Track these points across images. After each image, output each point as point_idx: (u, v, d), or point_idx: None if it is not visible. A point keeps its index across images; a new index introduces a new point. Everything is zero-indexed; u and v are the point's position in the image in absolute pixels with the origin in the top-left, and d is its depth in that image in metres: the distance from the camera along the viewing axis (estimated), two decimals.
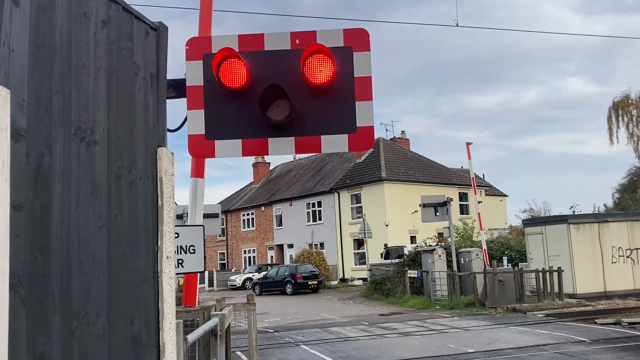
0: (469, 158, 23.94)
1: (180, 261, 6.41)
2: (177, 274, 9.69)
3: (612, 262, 21.32)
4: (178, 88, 3.66)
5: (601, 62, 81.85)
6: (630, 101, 44.64)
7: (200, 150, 3.66)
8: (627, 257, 21.60)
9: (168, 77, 3.55)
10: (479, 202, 22.60)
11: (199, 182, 6.35)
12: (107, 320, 2.21)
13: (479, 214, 22.80)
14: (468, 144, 24.02)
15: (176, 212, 13.61)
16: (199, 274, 6.38)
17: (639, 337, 12.81)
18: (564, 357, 10.75)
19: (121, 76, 2.41)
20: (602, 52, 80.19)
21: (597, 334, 13.24)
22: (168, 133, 3.30)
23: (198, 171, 6.32)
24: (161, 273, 2.45)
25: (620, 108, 44.59)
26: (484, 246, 22.48)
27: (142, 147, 2.48)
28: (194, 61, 3.69)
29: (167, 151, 2.64)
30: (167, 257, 2.51)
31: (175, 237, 7.22)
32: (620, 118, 44.56)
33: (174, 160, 2.72)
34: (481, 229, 23.34)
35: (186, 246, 6.30)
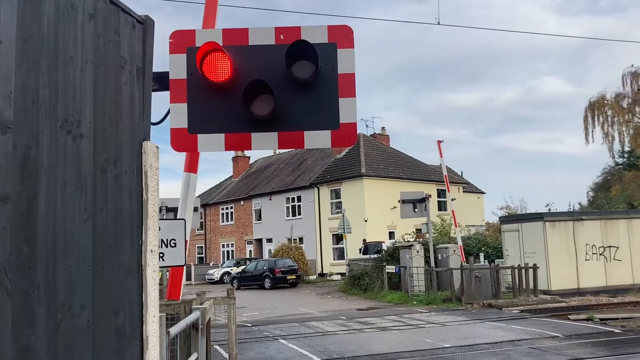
0: (441, 156, 24.25)
1: (160, 255, 6.37)
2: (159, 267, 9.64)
3: (586, 260, 21.73)
4: (161, 81, 3.65)
5: (576, 62, 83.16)
6: (605, 102, 45.38)
7: (183, 143, 3.66)
8: (600, 254, 22.03)
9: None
10: (452, 200, 22.80)
11: (192, 177, 6.31)
12: (92, 313, 2.21)
13: (452, 211, 22.99)
14: (439, 142, 24.41)
15: None
16: (184, 267, 6.35)
17: (609, 333, 13.10)
18: (537, 352, 10.95)
19: (108, 69, 2.41)
20: (577, 53, 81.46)
21: (570, 330, 13.50)
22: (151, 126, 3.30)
23: (191, 166, 6.28)
24: (145, 266, 2.46)
25: (596, 108, 45.30)
26: (459, 243, 22.74)
27: (127, 140, 2.48)
28: (178, 54, 3.69)
29: (152, 145, 2.64)
30: (152, 251, 2.52)
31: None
32: (596, 118, 45.27)
33: (159, 154, 2.72)
34: (456, 226, 23.57)
35: (167, 239, 6.27)
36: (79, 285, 2.13)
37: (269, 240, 43.03)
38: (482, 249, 25.79)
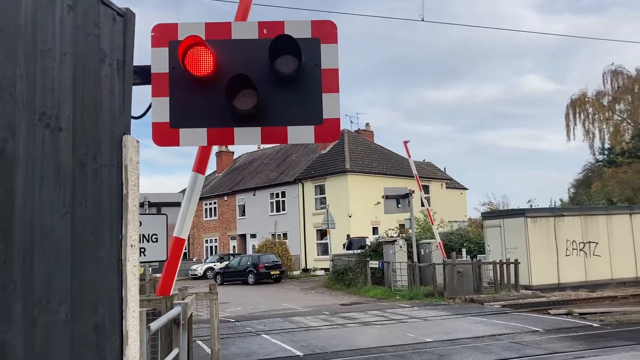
0: (409, 156, 24.45)
1: (142, 250, 6.33)
2: (140, 262, 9.58)
3: (566, 255, 22.01)
4: (142, 75, 3.61)
5: (558, 60, 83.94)
6: (587, 99, 45.91)
7: (165, 138, 3.63)
8: (580, 250, 22.32)
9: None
10: (426, 198, 22.91)
11: (199, 178, 6.23)
12: (70, 308, 2.19)
13: (428, 209, 23.05)
14: (405, 142, 24.77)
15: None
16: (179, 262, 6.30)
17: (588, 327, 13.30)
18: (518, 347, 11.08)
19: (87, 62, 2.37)
20: (559, 51, 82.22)
21: (550, 324, 13.67)
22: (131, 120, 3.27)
23: (200, 167, 6.19)
24: (125, 261, 2.44)
25: (578, 106, 45.83)
26: (438, 239, 22.88)
27: (107, 134, 2.45)
28: (160, 48, 3.66)
29: (133, 139, 2.62)
30: (132, 246, 2.50)
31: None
32: (577, 115, 45.80)
33: (139, 148, 2.70)
34: (432, 224, 23.68)
35: (148, 234, 6.24)
36: (57, 281, 2.10)
37: (253, 236, 42.95)
38: (465, 244, 25.97)
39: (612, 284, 22.07)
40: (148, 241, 6.21)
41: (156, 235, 6.28)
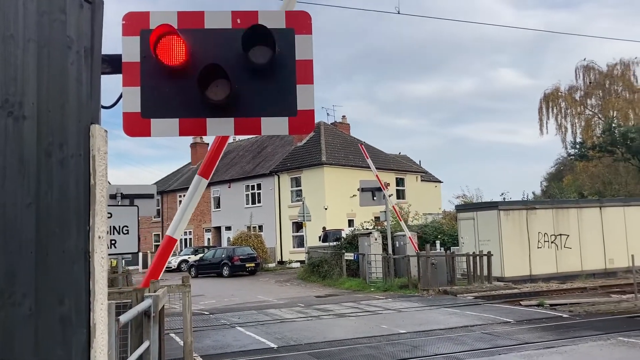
0: (367, 157, 24.69)
1: (113, 242, 6.27)
2: (110, 254, 9.44)
3: (538, 247, 22.40)
4: (113, 64, 3.55)
5: (532, 55, 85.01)
6: (559, 94, 46.69)
7: (136, 128, 3.58)
8: (552, 242, 22.73)
9: (103, 53, 3.44)
10: (389, 196, 23.05)
11: (202, 182, 6.12)
12: (35, 301, 2.14)
13: (394, 206, 23.17)
14: (361, 144, 25.17)
15: (110, 192, 13.23)
16: (170, 254, 6.22)
17: (558, 318, 13.56)
18: (490, 337, 11.25)
19: (52, 49, 2.31)
20: (533, 46, 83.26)
21: (521, 315, 13.90)
22: (102, 110, 3.20)
23: (206, 171, 6.09)
24: (93, 253, 2.40)
25: (551, 100, 46.59)
26: (408, 234, 23.05)
27: (74, 123, 2.39)
28: (131, 37, 3.59)
29: (101, 128, 2.56)
30: (99, 237, 2.45)
31: (108, 217, 7.05)
32: (550, 110, 46.59)
33: (107, 138, 2.65)
34: (400, 220, 23.81)
35: (119, 226, 6.15)
36: (20, 273, 2.05)
37: (228, 228, 42.75)
38: (439, 236, 26.23)
39: (582, 275, 22.54)
40: (119, 233, 6.13)
41: (127, 227, 6.20)
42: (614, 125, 40.59)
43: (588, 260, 23.16)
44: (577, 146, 42.09)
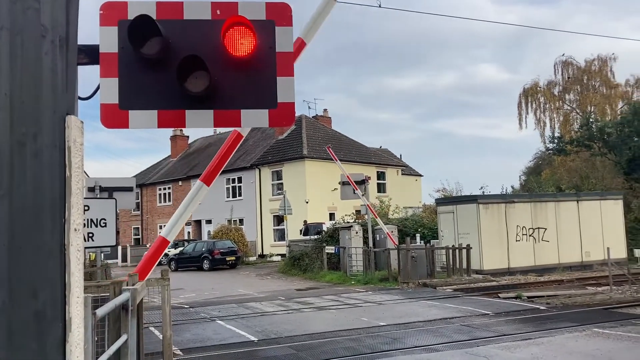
0: (335, 160, 24.88)
1: (90, 234, 6.19)
2: (87, 247, 9.33)
3: (516, 241, 22.69)
4: (91, 54, 3.49)
5: (512, 50, 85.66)
6: (538, 89, 47.19)
7: (114, 120, 3.53)
8: (530, 235, 23.04)
9: (81, 43, 3.38)
10: (362, 195, 23.18)
11: (203, 188, 6.00)
12: (8, 295, 2.11)
13: (368, 205, 23.29)
14: (329, 147, 25.57)
15: (88, 184, 13.06)
16: (165, 249, 6.15)
17: (535, 310, 13.76)
18: (468, 329, 11.37)
19: (26, 38, 2.26)
20: (513, 41, 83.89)
21: (499, 307, 14.08)
22: (79, 101, 3.15)
23: (208, 178, 5.96)
24: (68, 246, 2.36)
25: (530, 95, 47.08)
26: (386, 231, 23.17)
27: (49, 114, 2.34)
28: (109, 27, 3.53)
29: (77, 119, 2.51)
30: (75, 230, 2.41)
31: (85, 210, 6.97)
32: (529, 105, 47.07)
33: (84, 129, 2.60)
34: (376, 217, 23.90)
35: (97, 219, 6.07)
36: None
37: (209, 222, 42.56)
38: (419, 230, 26.43)
39: (559, 268, 22.90)
40: (96, 226, 6.06)
41: (105, 220, 6.12)
42: (591, 120, 41.18)
43: (565, 253, 23.54)
44: (555, 141, 42.65)
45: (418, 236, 25.15)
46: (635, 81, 45.43)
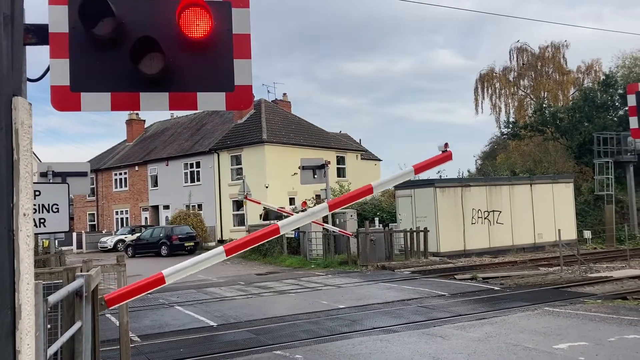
0: (259, 203, 25.38)
1: (42, 220, 6.02)
2: (39, 233, 9.07)
3: (472, 223, 23.22)
4: (40, 34, 3.36)
5: (468, 36, 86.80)
6: (494, 74, 48.11)
7: (65, 102, 3.42)
8: (485, 218, 23.61)
9: (30, 22, 3.25)
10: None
11: (221, 254, 5.31)
12: None
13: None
14: (247, 196, 26.31)
15: (40, 169, 12.67)
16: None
17: (490, 290, 14.15)
18: (425, 310, 11.62)
19: None
20: (469, 27, 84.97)
21: (455, 289, 14.42)
22: (29, 83, 3.05)
23: (231, 250, 5.27)
24: (17, 231, 2.29)
25: (486, 81, 47.97)
26: (332, 227, 23.40)
27: None
28: (59, 5, 3.41)
29: (24, 101, 2.43)
30: (24, 215, 2.34)
31: (37, 195, 6.77)
32: (485, 90, 47.98)
33: (32, 111, 2.51)
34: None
35: (49, 204, 5.91)
36: None
37: (166, 207, 41.96)
38: (377, 213, 26.73)
39: (513, 249, 23.58)
40: (49, 211, 5.89)
41: (57, 205, 5.96)
42: (544, 105, 42.26)
43: (519, 235, 24.24)
44: (510, 125, 43.59)
45: (377, 220, 25.43)
46: (586, 68, 46.81)
